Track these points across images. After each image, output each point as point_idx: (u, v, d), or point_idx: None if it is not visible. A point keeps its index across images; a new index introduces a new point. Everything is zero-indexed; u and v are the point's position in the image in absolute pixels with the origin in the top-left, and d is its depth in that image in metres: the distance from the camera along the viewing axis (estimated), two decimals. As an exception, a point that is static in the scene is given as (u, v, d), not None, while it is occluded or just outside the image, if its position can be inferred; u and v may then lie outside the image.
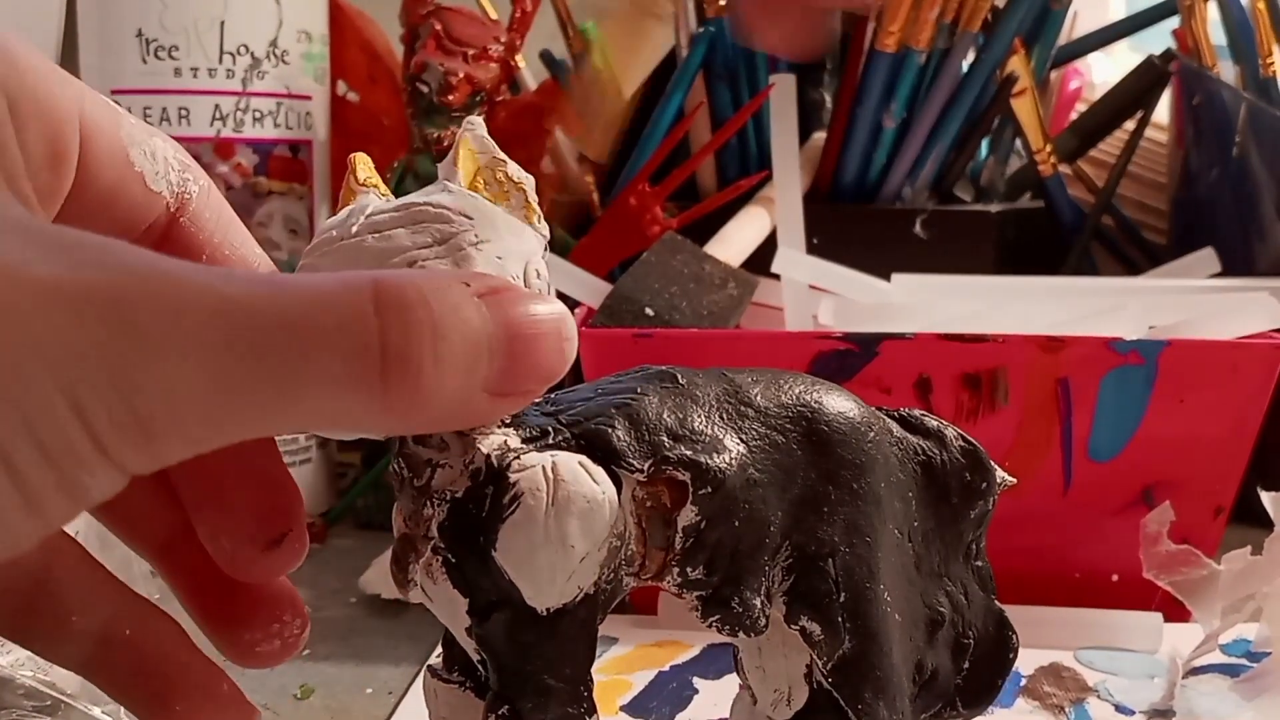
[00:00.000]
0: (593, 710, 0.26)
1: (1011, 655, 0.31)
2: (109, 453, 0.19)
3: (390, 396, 0.20)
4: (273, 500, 0.27)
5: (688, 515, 0.26)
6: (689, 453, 0.26)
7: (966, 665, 0.30)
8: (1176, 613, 0.45)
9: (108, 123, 0.25)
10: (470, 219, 0.25)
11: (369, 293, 0.20)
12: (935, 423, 0.30)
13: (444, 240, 0.24)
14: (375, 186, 0.27)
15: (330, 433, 0.23)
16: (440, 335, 0.21)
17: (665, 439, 0.26)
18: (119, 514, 0.27)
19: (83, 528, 0.38)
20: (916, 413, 0.30)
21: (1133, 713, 0.40)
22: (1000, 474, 0.30)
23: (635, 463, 0.26)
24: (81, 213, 0.25)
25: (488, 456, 0.25)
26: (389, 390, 0.20)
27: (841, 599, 0.27)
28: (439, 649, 0.29)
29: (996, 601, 0.31)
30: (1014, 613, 0.32)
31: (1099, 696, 0.41)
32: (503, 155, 0.26)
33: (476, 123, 0.27)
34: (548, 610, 0.25)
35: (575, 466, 0.25)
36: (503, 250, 0.25)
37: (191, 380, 0.19)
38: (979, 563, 0.31)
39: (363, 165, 0.27)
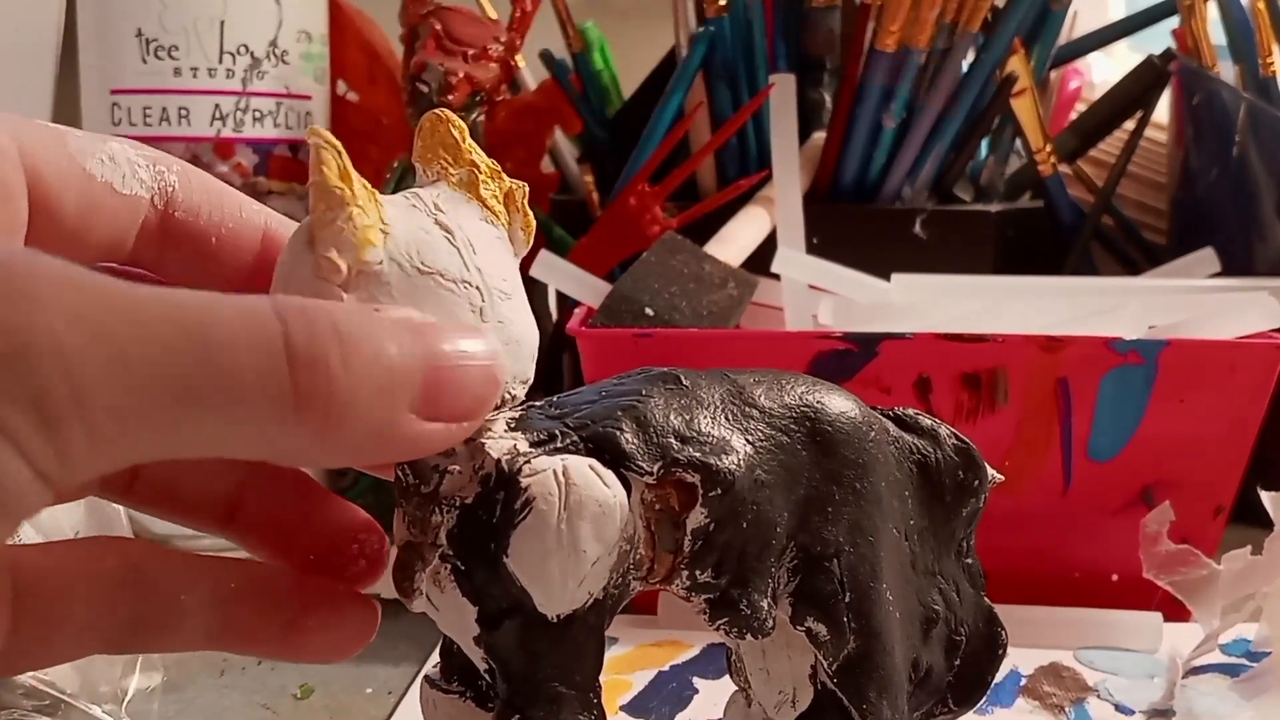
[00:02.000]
0: (602, 717, 0.26)
1: (1001, 652, 0.31)
2: (9, 434, 0.18)
3: (303, 408, 0.20)
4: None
5: (697, 518, 0.26)
6: (698, 454, 0.26)
7: (958, 662, 0.30)
8: (1176, 612, 0.45)
9: (53, 144, 0.25)
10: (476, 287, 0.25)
11: (267, 302, 0.20)
12: (929, 421, 0.30)
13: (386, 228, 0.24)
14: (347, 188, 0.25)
15: (256, 455, 0.22)
16: (346, 343, 0.20)
17: (673, 441, 0.26)
18: (179, 503, 0.28)
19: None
20: (911, 412, 0.30)
21: (1132, 712, 0.40)
22: (991, 472, 0.30)
23: (644, 465, 0.25)
24: (59, 238, 0.24)
25: (498, 461, 0.25)
26: (300, 401, 0.20)
27: (847, 599, 0.27)
28: (435, 658, 0.29)
29: (986, 598, 0.31)
30: (1014, 612, 0.32)
31: (1099, 696, 0.41)
32: (459, 139, 0.26)
33: (433, 115, 0.26)
34: (558, 617, 0.25)
35: (586, 470, 0.25)
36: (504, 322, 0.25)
37: (88, 362, 0.18)
38: (969, 560, 0.31)
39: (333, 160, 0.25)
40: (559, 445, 0.25)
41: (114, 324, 0.18)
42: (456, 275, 0.25)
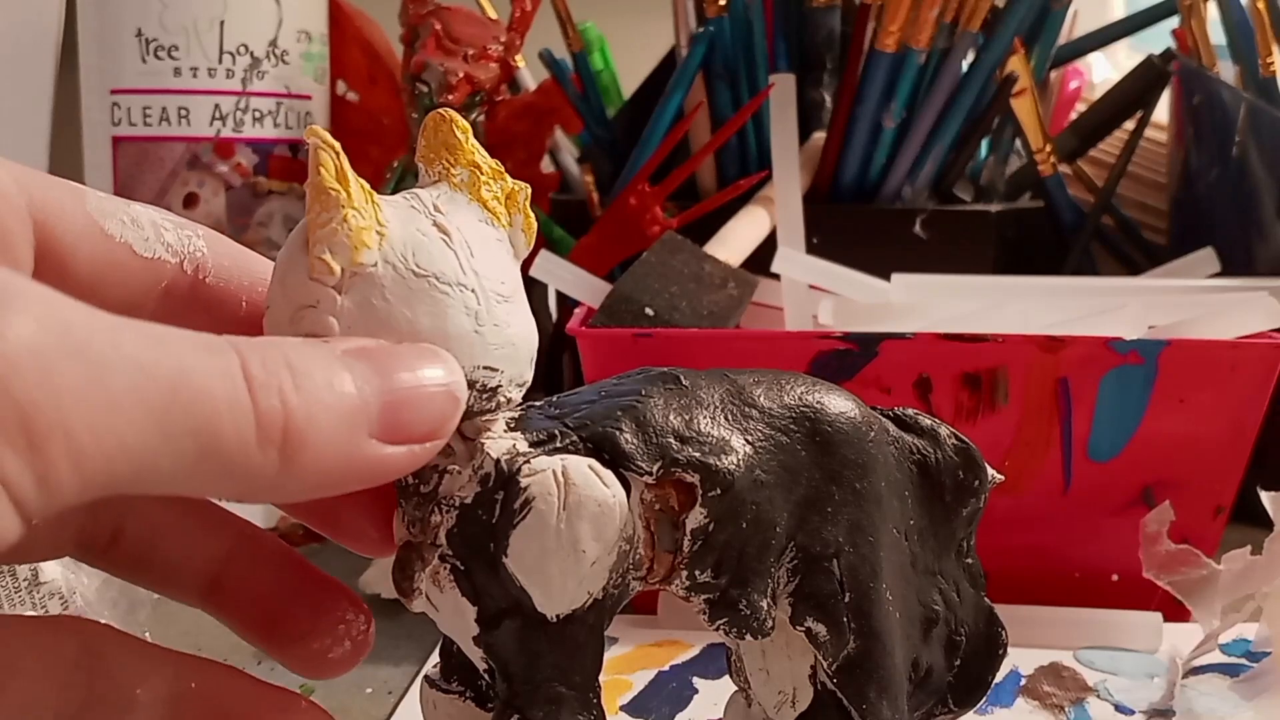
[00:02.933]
0: (602, 717, 0.26)
1: (1001, 652, 0.31)
2: None
3: (264, 433, 0.20)
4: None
5: (696, 518, 0.26)
6: (697, 454, 0.26)
7: (958, 662, 0.30)
8: (1176, 612, 0.45)
9: (70, 202, 0.25)
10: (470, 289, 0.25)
11: (220, 336, 0.20)
12: (929, 421, 0.30)
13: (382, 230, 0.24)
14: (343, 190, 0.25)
15: (225, 490, 0.22)
16: (298, 372, 0.20)
17: (673, 441, 0.26)
18: (160, 570, 0.27)
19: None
20: (911, 412, 0.30)
21: (1132, 712, 0.40)
22: (991, 471, 0.30)
23: (643, 465, 0.25)
24: (68, 293, 0.24)
25: (497, 461, 0.25)
26: (262, 424, 0.20)
27: (846, 599, 0.27)
28: (435, 658, 0.29)
29: (986, 598, 0.31)
30: (1014, 612, 0.32)
31: (1099, 696, 0.41)
32: (462, 137, 0.26)
33: (437, 114, 0.26)
34: (558, 617, 0.25)
35: (586, 470, 0.25)
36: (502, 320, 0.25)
37: (69, 377, 0.18)
38: (969, 560, 0.31)
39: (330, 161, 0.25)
40: (558, 445, 0.25)
41: (93, 343, 0.18)
42: (452, 278, 0.24)
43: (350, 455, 0.21)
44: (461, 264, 0.25)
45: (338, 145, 0.24)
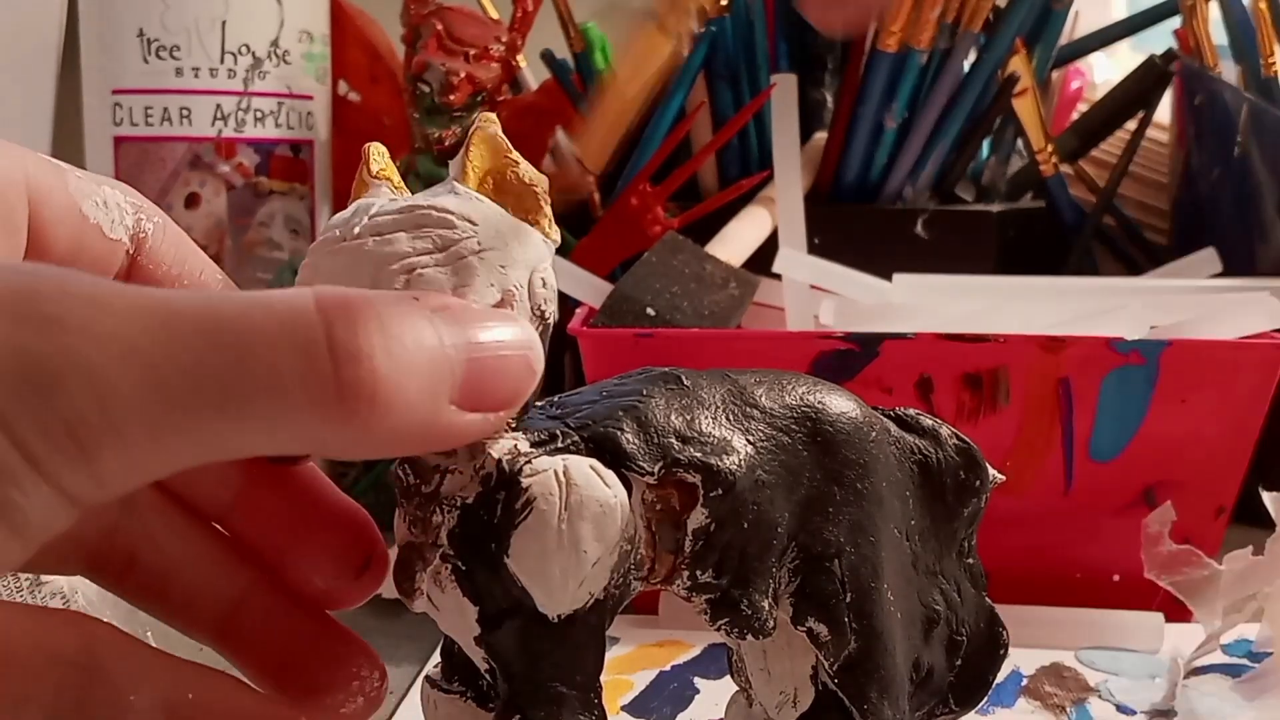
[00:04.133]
0: (603, 717, 0.26)
1: (1002, 652, 0.31)
2: (40, 465, 0.17)
3: (347, 401, 0.19)
4: (351, 529, 0.27)
5: (698, 518, 0.26)
6: (699, 455, 0.26)
7: (959, 662, 0.30)
8: (1178, 613, 0.45)
9: (55, 181, 0.25)
10: (475, 225, 0.24)
11: (309, 295, 0.20)
12: (930, 422, 0.30)
13: (445, 247, 0.24)
14: (389, 179, 0.26)
15: (300, 452, 0.23)
16: (389, 334, 0.20)
17: (674, 441, 0.26)
18: (173, 601, 0.27)
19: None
20: (912, 412, 0.30)
21: (1134, 713, 0.40)
22: (992, 471, 0.30)
23: (645, 465, 0.25)
24: None
25: (498, 461, 0.25)
26: (344, 394, 0.19)
27: (848, 599, 0.27)
28: (436, 658, 0.29)
29: (987, 598, 0.31)
30: (1015, 612, 0.32)
31: (1100, 696, 0.41)
32: (516, 155, 0.26)
33: (491, 119, 0.26)
34: (559, 617, 0.25)
35: (587, 470, 0.25)
36: (507, 259, 0.24)
37: (121, 383, 0.18)
38: (970, 560, 0.31)
39: (377, 156, 0.26)
40: (560, 445, 0.25)
41: (145, 340, 0.18)
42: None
43: (430, 421, 0.21)
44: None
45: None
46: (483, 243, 0.24)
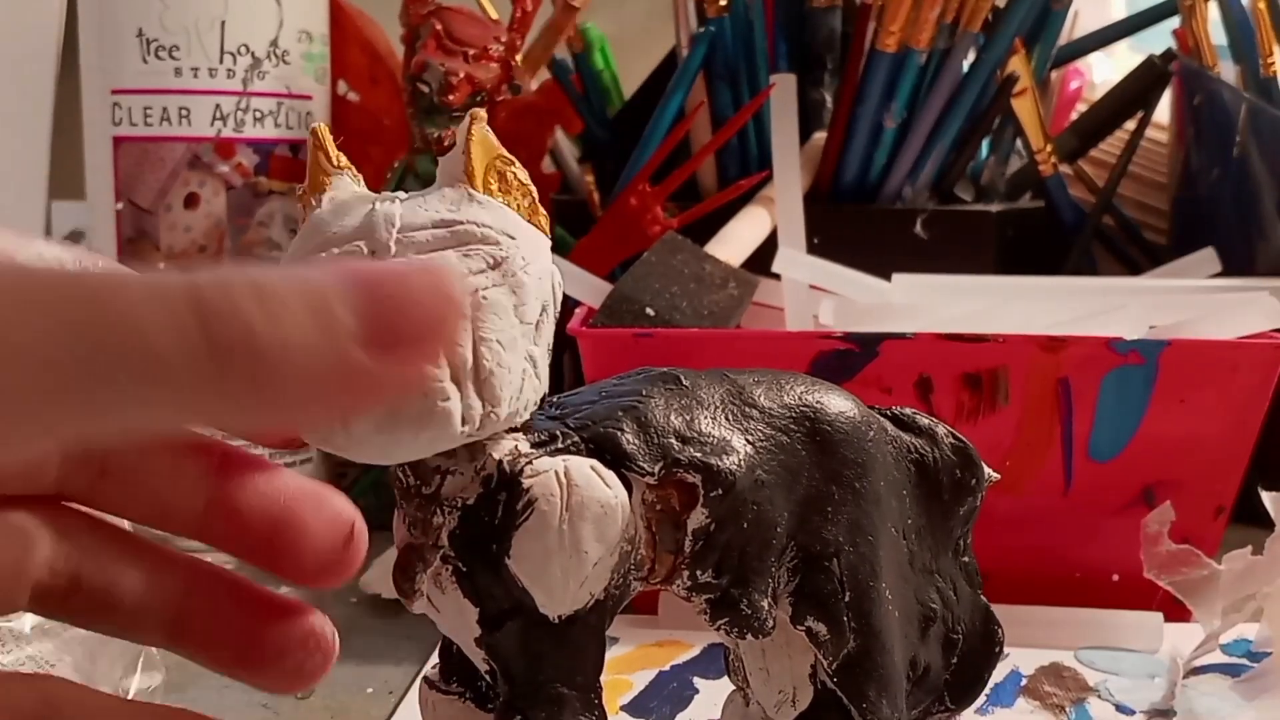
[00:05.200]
0: (603, 717, 0.26)
1: (998, 649, 0.31)
2: None
3: (219, 356, 0.18)
4: (327, 508, 0.26)
5: (698, 518, 0.26)
6: (699, 455, 0.26)
7: (955, 660, 0.30)
8: (1177, 613, 0.45)
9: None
10: (514, 239, 0.24)
11: (181, 272, 0.18)
12: (927, 421, 0.30)
13: (497, 265, 0.23)
14: (348, 168, 0.26)
15: (192, 421, 0.21)
16: (263, 286, 0.18)
17: (674, 441, 0.26)
18: (121, 615, 0.26)
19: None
20: (908, 411, 0.30)
21: (1133, 712, 0.40)
22: (987, 470, 0.30)
23: (645, 466, 0.25)
24: None
25: (499, 462, 0.25)
26: (215, 350, 0.18)
27: (847, 598, 0.27)
28: (434, 658, 0.29)
29: (983, 596, 0.31)
30: (1014, 612, 0.32)
31: (1100, 696, 0.41)
32: (507, 153, 0.25)
33: (480, 116, 0.25)
34: (560, 617, 0.25)
35: (588, 471, 0.25)
36: (542, 269, 0.24)
37: None
38: (966, 558, 0.31)
39: (330, 143, 0.26)
40: (560, 446, 0.25)
41: (10, 311, 0.17)
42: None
43: (334, 366, 0.19)
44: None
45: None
46: (526, 257, 0.24)
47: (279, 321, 0.18)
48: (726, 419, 0.27)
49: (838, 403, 0.28)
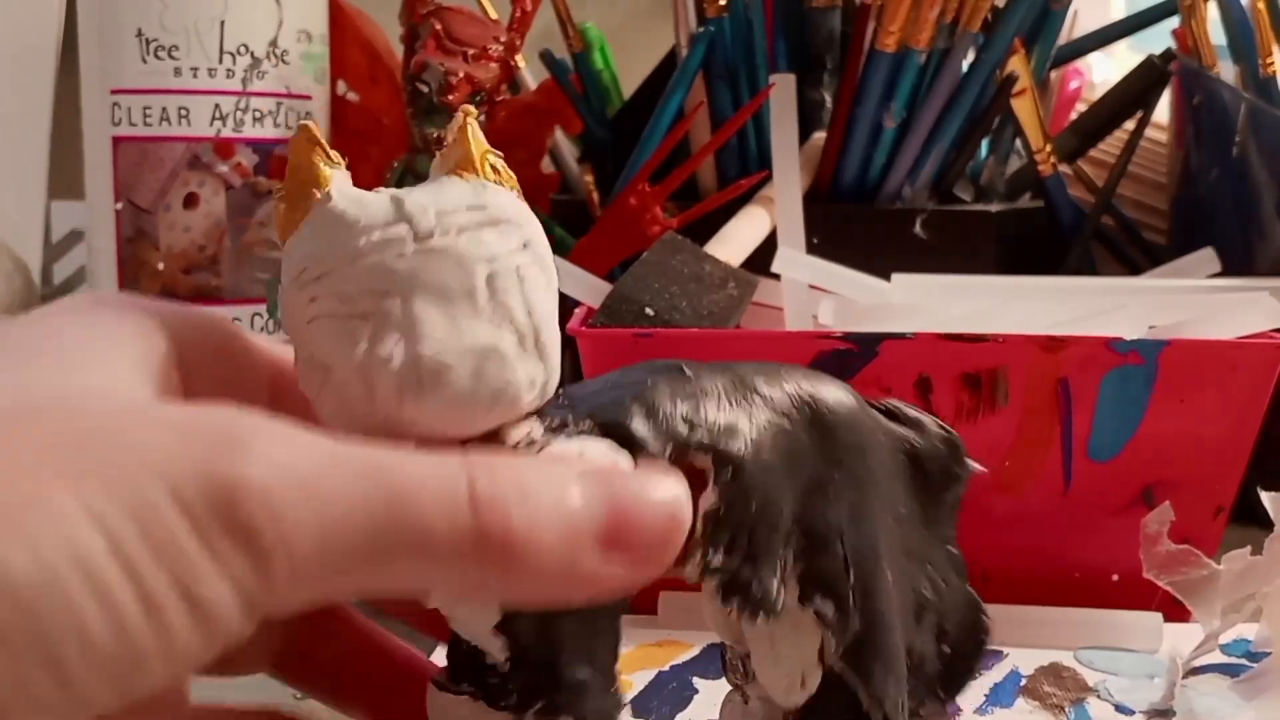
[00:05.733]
0: (622, 703, 0.26)
1: (986, 638, 0.31)
2: (226, 565, 0.19)
3: (484, 548, 0.21)
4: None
5: (708, 500, 0.26)
6: (707, 438, 0.26)
7: (946, 650, 0.30)
8: (1176, 613, 0.45)
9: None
10: (532, 221, 0.25)
11: (455, 456, 0.21)
12: (914, 412, 0.30)
13: (527, 244, 0.25)
14: (341, 164, 0.26)
15: (446, 598, 0.25)
16: (526, 486, 0.21)
17: (682, 426, 0.26)
18: (345, 690, 0.31)
19: None
20: (895, 403, 0.31)
21: (1133, 712, 0.40)
22: (970, 462, 0.31)
23: (655, 449, 0.26)
24: None
25: (514, 446, 0.25)
26: (481, 541, 0.21)
27: (852, 579, 0.28)
28: (435, 659, 0.29)
29: (969, 586, 0.31)
30: (1014, 612, 0.32)
31: (1099, 696, 0.41)
32: (494, 149, 0.26)
33: (470, 110, 0.26)
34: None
35: (605, 452, 0.25)
36: (550, 254, 0.25)
37: (291, 507, 0.19)
38: (952, 549, 0.31)
39: (325, 141, 0.26)
40: (573, 431, 0.26)
41: (317, 477, 0.20)
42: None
43: (570, 570, 0.22)
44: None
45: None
46: (543, 240, 0.25)
47: (535, 521, 0.21)
48: (730, 404, 0.27)
49: (834, 391, 0.29)
